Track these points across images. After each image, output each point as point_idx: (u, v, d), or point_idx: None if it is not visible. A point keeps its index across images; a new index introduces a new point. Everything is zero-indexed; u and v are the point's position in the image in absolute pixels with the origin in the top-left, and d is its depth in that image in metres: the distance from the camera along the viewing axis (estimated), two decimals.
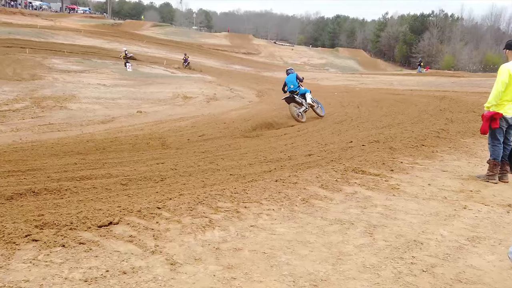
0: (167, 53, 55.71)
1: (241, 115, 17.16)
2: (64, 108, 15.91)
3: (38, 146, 10.12)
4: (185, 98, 21.45)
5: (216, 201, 5.51)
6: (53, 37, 48.85)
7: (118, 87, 23.99)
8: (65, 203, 5.82)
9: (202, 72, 38.83)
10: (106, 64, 36.48)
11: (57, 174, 7.58)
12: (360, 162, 8.05)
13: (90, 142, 10.86)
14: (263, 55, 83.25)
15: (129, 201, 5.75)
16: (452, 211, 5.69)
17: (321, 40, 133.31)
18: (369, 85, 36.94)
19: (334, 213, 5.42)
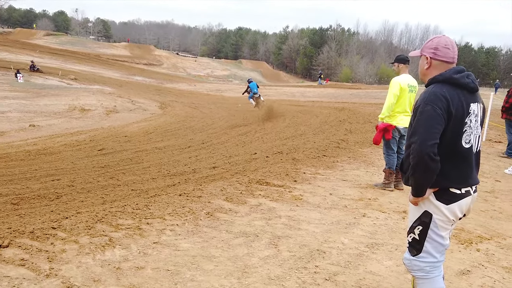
0: (61, 63, 53.23)
1: (143, 128, 16.75)
2: None
3: None
4: (83, 110, 20.56)
5: (117, 218, 5.27)
6: None
7: (8, 99, 22.42)
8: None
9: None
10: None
11: None
12: (264, 174, 8.13)
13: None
14: (165, 66, 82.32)
15: (21, 221, 5.33)
16: (352, 219, 5.89)
17: (224, 52, 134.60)
18: (272, 97, 37.71)
19: (239, 226, 5.40)
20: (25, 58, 49.08)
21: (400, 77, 7.48)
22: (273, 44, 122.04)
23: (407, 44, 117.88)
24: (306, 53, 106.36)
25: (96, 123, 17.60)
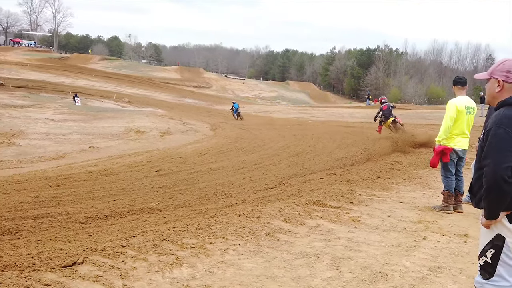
0: (116, 86, 55.09)
1: (196, 149, 17.12)
2: (12, 145, 15.41)
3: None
4: (138, 132, 21.22)
5: (181, 238, 5.46)
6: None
7: (68, 122, 23.49)
8: (23, 243, 5.61)
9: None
10: (53, 98, 35.70)
11: (10, 214, 7.30)
12: (320, 195, 8.18)
13: (43, 179, 10.53)
14: (214, 89, 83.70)
15: (91, 239, 5.60)
16: (412, 242, 5.85)
17: (272, 74, 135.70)
18: (320, 118, 37.78)
19: (300, 246, 5.47)
20: (82, 82, 51.16)
21: (456, 99, 7.42)
22: (320, 65, 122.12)
23: (458, 63, 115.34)
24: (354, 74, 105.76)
25: (151, 144, 18.12)
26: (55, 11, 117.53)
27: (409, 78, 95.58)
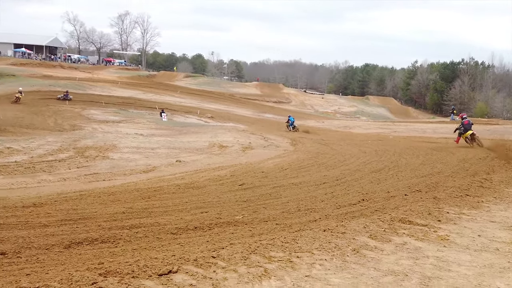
0: (199, 102, 56.88)
1: (278, 164, 17.31)
2: (106, 158, 16.39)
3: (86, 195, 10.44)
4: (221, 147, 21.77)
5: (268, 251, 5.59)
6: (91, 89, 50.65)
7: (156, 136, 24.60)
8: (120, 251, 6.00)
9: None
10: (142, 114, 37.53)
11: (107, 223, 7.81)
12: (405, 212, 8.04)
13: (135, 191, 11.14)
14: (293, 104, 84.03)
15: (183, 250, 5.88)
16: (506, 263, 5.62)
17: (351, 88, 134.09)
18: (402, 133, 36.82)
19: (387, 264, 5.43)
20: (168, 98, 53.32)
21: None
22: (401, 80, 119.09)
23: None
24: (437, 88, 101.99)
25: (234, 159, 18.55)
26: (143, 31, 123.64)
27: (497, 92, 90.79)
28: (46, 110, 32.06)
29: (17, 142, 18.40)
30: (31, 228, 7.38)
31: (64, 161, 15.24)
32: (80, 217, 8.22)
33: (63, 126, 25.43)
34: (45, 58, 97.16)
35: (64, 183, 12.11)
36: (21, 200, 9.74)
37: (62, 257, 5.77)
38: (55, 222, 7.82)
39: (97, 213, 8.62)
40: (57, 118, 28.79)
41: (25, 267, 5.41)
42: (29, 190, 11.03)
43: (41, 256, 5.84)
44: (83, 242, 6.42)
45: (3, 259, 5.72)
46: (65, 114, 31.10)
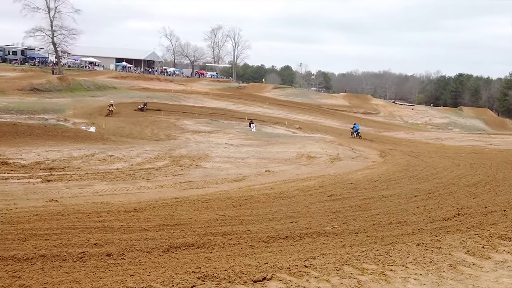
0: (287, 113, 57.24)
1: (366, 176, 17.06)
2: (199, 167, 17.02)
3: (182, 202, 10.93)
4: (309, 157, 21.81)
5: (361, 263, 5.58)
6: (185, 100, 52.68)
7: (245, 146, 25.14)
8: (215, 257, 6.25)
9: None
10: (232, 124, 38.44)
11: (202, 229, 8.14)
12: (505, 229, 7.66)
13: (227, 199, 11.49)
14: (382, 115, 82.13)
15: (275, 258, 6.02)
16: None
17: (443, 99, 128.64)
18: (499, 146, 34.83)
19: (486, 281, 5.23)
20: (257, 109, 54.20)
21: None
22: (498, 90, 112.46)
23: None
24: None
25: (322, 170, 18.52)
26: (235, 45, 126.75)
27: None
28: (143, 120, 33.87)
29: (118, 150, 19.60)
30: (132, 231, 7.86)
31: (160, 169, 16.03)
32: (177, 223, 8.63)
33: (159, 136, 26.73)
34: (143, 71, 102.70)
35: (161, 190, 12.74)
36: (122, 205, 10.39)
37: (162, 260, 6.11)
38: (154, 226, 8.26)
39: (192, 220, 9.00)
40: (154, 128, 30.31)
41: (128, 268, 5.79)
42: (129, 196, 11.72)
43: (143, 258, 6.22)
44: (181, 247, 6.75)
45: (109, 260, 6.15)
46: (161, 124, 32.65)
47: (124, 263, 5.99)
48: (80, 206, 10.16)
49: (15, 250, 6.34)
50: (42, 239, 7.07)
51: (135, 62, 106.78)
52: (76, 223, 8.31)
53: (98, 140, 23.52)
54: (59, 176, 13.69)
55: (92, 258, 6.13)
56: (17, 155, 16.94)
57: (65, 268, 5.74)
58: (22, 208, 9.72)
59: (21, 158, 16.34)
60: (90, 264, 5.90)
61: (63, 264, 5.87)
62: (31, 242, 6.85)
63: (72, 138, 23.08)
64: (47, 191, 11.85)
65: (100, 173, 14.64)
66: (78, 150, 19.08)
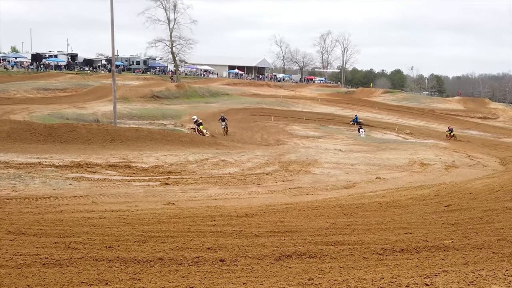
0: (398, 118, 55.42)
1: (487, 185, 15.91)
2: (308, 173, 16.96)
3: (292, 208, 10.91)
4: (422, 164, 20.87)
5: (489, 283, 5.13)
6: (293, 106, 53.08)
7: (354, 152, 24.66)
8: (328, 268, 6.09)
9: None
10: (340, 130, 38.00)
11: (312, 237, 8.01)
12: None
13: (337, 207, 11.28)
14: (501, 120, 76.42)
15: (391, 272, 5.73)
16: None
17: None
18: None
19: None
20: (366, 114, 53.07)
21: None
22: None
23: None
24: None
25: (437, 178, 17.62)
26: (344, 49, 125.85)
27: None
28: (254, 126, 34.64)
29: (230, 155, 20.17)
30: (244, 237, 7.94)
31: (270, 174, 16.21)
32: (287, 230, 8.59)
33: (269, 141, 27.09)
34: (254, 78, 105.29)
35: (271, 196, 12.85)
36: (234, 209, 10.60)
37: (273, 268, 6.07)
38: (265, 233, 8.29)
39: (302, 227, 8.92)
40: (264, 133, 30.83)
41: (241, 276, 5.79)
42: (241, 201, 11.95)
43: (255, 266, 6.22)
44: (292, 256, 6.68)
45: (223, 266, 6.21)
46: (270, 129, 33.14)
47: (237, 270, 6.03)
48: (195, 209, 10.55)
49: (135, 252, 6.63)
50: (160, 241, 7.35)
51: (246, 69, 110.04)
52: (192, 226, 8.59)
53: (212, 145, 24.39)
54: (176, 180, 14.35)
55: (206, 263, 6.25)
56: (138, 159, 18.06)
57: (181, 272, 5.87)
58: (142, 210, 10.29)
59: (142, 162, 17.39)
60: (204, 269, 6.00)
61: (179, 268, 6.02)
62: (150, 244, 7.15)
63: (188, 142, 24.16)
64: (165, 194, 12.46)
65: (213, 178, 15.13)
66: (193, 154, 19.91)
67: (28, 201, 10.78)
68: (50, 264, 5.91)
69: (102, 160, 17.57)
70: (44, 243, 6.96)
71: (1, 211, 9.49)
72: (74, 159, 17.44)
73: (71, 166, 15.95)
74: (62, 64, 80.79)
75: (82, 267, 5.84)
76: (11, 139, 21.17)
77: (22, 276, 5.41)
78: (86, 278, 5.45)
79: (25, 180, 13.19)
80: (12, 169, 14.76)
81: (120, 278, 5.53)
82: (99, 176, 14.57)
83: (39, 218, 8.97)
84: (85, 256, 6.22)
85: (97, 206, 10.65)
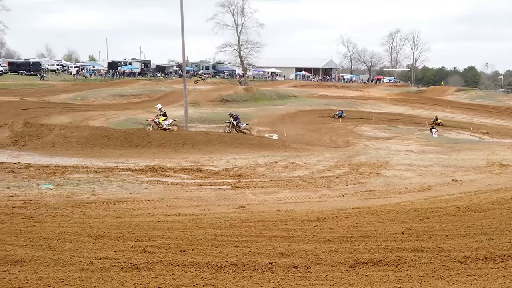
0: (472, 117, 53.17)
1: None
2: (380, 175, 16.54)
3: (364, 212, 10.65)
4: (502, 166, 19.79)
5: None
6: (362, 106, 52.25)
7: (426, 153, 23.85)
8: (406, 277, 5.86)
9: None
10: (411, 130, 36.96)
11: (387, 243, 7.75)
12: None
13: (412, 211, 10.89)
14: None
15: (475, 283, 5.45)
16: None
17: None
18: None
19: None
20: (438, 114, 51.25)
21: None
22: None
23: None
24: None
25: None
26: (413, 48, 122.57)
27: None
28: (322, 127, 34.42)
29: (299, 157, 20.07)
30: (316, 242, 7.80)
31: (341, 177, 15.96)
32: (361, 235, 8.37)
33: (337, 143, 26.77)
34: (321, 79, 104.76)
35: (342, 199, 12.63)
36: (306, 213, 10.48)
37: (349, 276, 5.91)
38: (338, 238, 8.12)
39: (376, 232, 8.67)
40: (332, 135, 30.53)
41: (316, 283, 5.67)
42: (312, 204, 11.82)
43: (329, 273, 6.07)
44: (368, 263, 6.48)
45: (296, 273, 6.09)
46: (338, 131, 32.79)
47: (311, 277, 5.93)
48: (266, 213, 10.54)
49: (209, 257, 6.67)
50: (233, 246, 7.36)
51: (313, 70, 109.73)
52: (263, 231, 8.56)
53: (280, 147, 24.41)
54: (246, 183, 14.44)
55: (279, 269, 6.18)
56: (209, 162, 18.38)
57: (254, 278, 5.83)
58: (215, 213, 10.40)
59: (213, 165, 17.67)
60: (278, 275, 5.93)
61: (252, 274, 5.98)
62: (223, 248, 7.17)
63: (257, 145, 24.32)
64: (236, 197, 12.56)
65: (283, 181, 15.09)
66: (262, 157, 19.99)
67: (106, 205, 11.20)
68: (128, 268, 6.05)
69: (174, 163, 18.01)
70: (122, 246, 7.16)
71: (81, 215, 9.89)
72: (148, 163, 18.00)
73: (146, 170, 16.47)
74: (136, 71, 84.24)
75: (158, 272, 5.93)
76: (90, 144, 22.22)
77: (102, 280, 5.57)
78: (162, 283, 5.53)
79: (103, 184, 13.74)
80: (92, 174, 15.43)
81: (195, 284, 5.57)
82: (172, 180, 14.94)
83: (117, 222, 9.26)
84: (161, 261, 6.33)
85: (171, 209, 10.89)
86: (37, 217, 9.42)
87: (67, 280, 5.50)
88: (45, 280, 5.46)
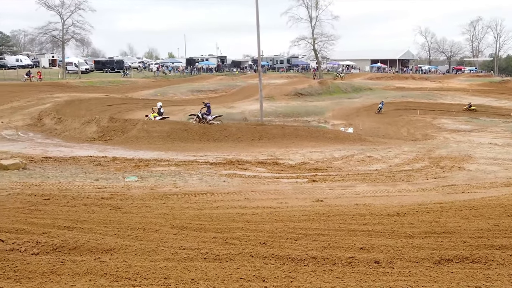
0: None
1: None
2: (462, 169, 15.90)
3: (447, 208, 10.30)
4: None
5: None
6: (441, 98, 50.34)
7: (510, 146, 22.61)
8: (495, 275, 5.65)
9: None
10: (495, 122, 35.19)
11: (473, 240, 7.48)
12: None
13: (498, 206, 10.39)
14: None
15: None
16: None
17: None
18: None
19: None
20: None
21: None
22: None
23: None
24: None
25: None
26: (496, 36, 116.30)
27: None
28: (399, 120, 33.52)
29: (376, 151, 19.70)
30: (397, 237, 7.66)
31: (420, 171, 15.50)
32: (444, 231, 8.12)
33: (416, 136, 25.96)
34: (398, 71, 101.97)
35: (423, 194, 12.28)
36: (384, 208, 10.30)
37: (433, 273, 5.77)
38: (419, 233, 7.92)
39: (460, 228, 8.37)
40: (409, 127, 29.67)
41: (398, 279, 5.58)
42: (391, 199, 11.59)
43: (412, 269, 5.96)
44: (453, 260, 6.29)
45: (378, 268, 6.03)
46: (416, 123, 31.82)
47: (394, 272, 5.84)
48: (343, 207, 10.47)
49: (288, 249, 6.74)
50: (312, 239, 7.39)
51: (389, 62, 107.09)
52: (342, 225, 8.52)
53: (356, 140, 24.06)
54: (323, 177, 14.38)
55: (360, 264, 6.15)
56: (285, 156, 18.47)
57: (335, 272, 5.84)
58: (292, 207, 10.47)
59: (289, 159, 17.75)
60: (359, 270, 5.91)
61: (333, 268, 5.99)
62: (302, 242, 7.22)
63: (332, 139, 24.15)
64: (313, 191, 12.55)
65: (360, 174, 14.89)
66: (338, 151, 19.82)
67: (187, 197, 11.56)
68: (211, 258, 6.25)
69: (251, 157, 18.26)
70: (204, 237, 7.40)
71: (165, 206, 10.29)
72: (226, 156, 18.37)
73: (223, 163, 16.83)
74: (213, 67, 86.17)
75: (239, 263, 6.08)
76: (170, 138, 23.05)
77: (186, 269, 5.79)
78: (244, 274, 5.67)
79: (184, 177, 14.19)
80: (173, 167, 15.99)
81: (276, 276, 5.66)
82: (249, 173, 15.16)
83: (198, 213, 9.56)
84: (242, 252, 6.48)
85: (249, 202, 11.07)
86: (124, 208, 9.92)
87: (154, 269, 5.77)
88: (133, 269, 5.76)
